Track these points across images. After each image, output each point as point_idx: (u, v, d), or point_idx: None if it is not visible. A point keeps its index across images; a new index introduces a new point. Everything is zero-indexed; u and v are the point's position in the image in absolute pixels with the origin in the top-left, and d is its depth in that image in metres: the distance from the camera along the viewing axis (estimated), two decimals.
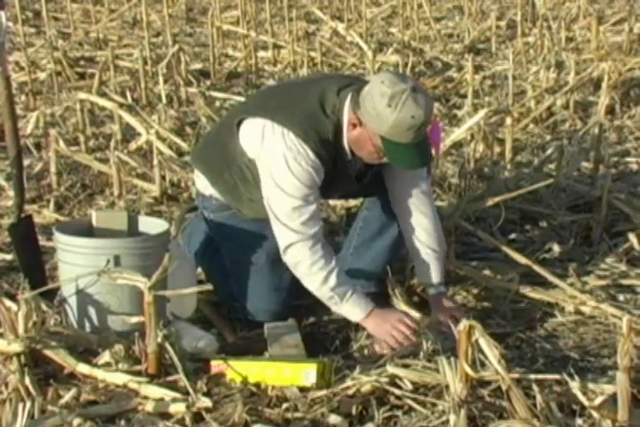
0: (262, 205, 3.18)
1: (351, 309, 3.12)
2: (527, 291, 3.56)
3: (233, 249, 3.35)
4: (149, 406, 2.68)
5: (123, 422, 2.63)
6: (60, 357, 2.85)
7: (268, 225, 3.25)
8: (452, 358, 2.65)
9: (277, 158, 3.07)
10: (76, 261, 3.11)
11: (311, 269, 3.09)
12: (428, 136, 3.07)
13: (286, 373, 2.82)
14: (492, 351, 2.55)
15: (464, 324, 2.54)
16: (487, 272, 3.67)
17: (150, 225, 3.35)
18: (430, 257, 3.32)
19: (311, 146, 3.05)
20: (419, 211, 3.30)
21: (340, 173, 3.18)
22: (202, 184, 3.42)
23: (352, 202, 4.14)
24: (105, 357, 2.89)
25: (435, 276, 3.33)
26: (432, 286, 3.34)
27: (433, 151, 4.24)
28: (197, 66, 7.47)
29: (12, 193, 4.04)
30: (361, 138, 3.05)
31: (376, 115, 2.93)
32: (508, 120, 4.97)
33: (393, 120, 2.91)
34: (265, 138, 3.10)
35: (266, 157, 3.11)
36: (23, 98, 6.60)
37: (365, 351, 3.13)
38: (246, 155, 3.18)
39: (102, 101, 5.75)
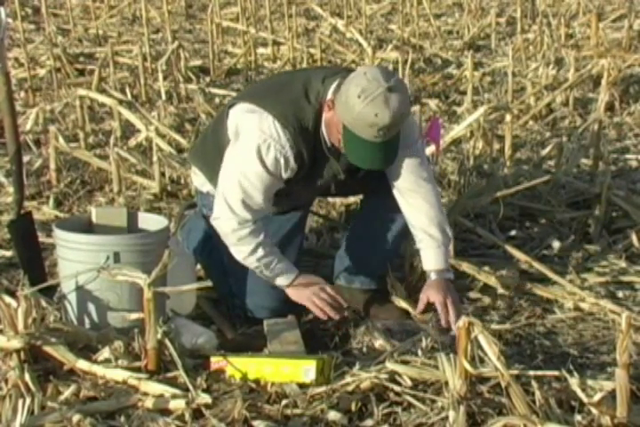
0: None
1: (275, 277, 3.17)
2: (526, 287, 3.56)
3: None
4: (149, 403, 2.68)
5: (122, 419, 2.63)
6: (59, 353, 2.86)
7: (266, 221, 3.25)
8: (452, 355, 2.66)
9: (249, 136, 3.07)
10: (76, 258, 3.11)
11: (240, 242, 3.13)
12: (396, 142, 3.01)
13: (286, 369, 2.82)
14: (491, 348, 2.56)
15: (463, 320, 2.54)
16: (486, 269, 3.67)
17: (150, 222, 3.36)
18: (431, 243, 3.27)
19: (290, 131, 3.04)
20: (419, 197, 3.25)
21: (321, 162, 3.16)
22: (199, 181, 3.42)
23: (352, 199, 4.14)
24: (104, 353, 2.89)
25: (435, 262, 3.28)
26: (433, 272, 3.29)
27: (433, 148, 4.27)
28: (197, 62, 7.47)
29: (11, 190, 4.04)
30: (331, 122, 3.04)
31: (345, 102, 2.92)
32: (508, 117, 4.96)
33: (357, 112, 2.88)
34: (244, 118, 3.12)
35: (241, 134, 3.12)
36: (23, 94, 6.60)
37: (364, 348, 3.13)
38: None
39: (102, 98, 5.75)
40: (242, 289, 3.35)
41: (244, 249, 3.14)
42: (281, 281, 3.18)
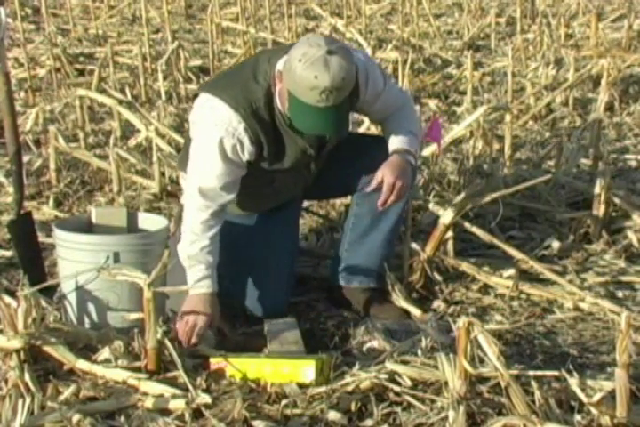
0: (244, 197, 3.24)
1: (189, 280, 3.10)
2: (526, 287, 3.57)
3: (226, 247, 3.35)
4: (149, 403, 2.69)
5: (122, 419, 2.64)
6: (59, 353, 2.86)
7: (258, 219, 3.24)
8: (451, 355, 2.66)
9: (204, 124, 3.12)
10: (76, 258, 3.12)
11: (189, 229, 3.11)
12: (343, 109, 3.00)
13: (285, 369, 2.83)
14: (490, 348, 2.56)
15: (463, 320, 2.54)
16: (486, 269, 3.68)
17: (149, 222, 3.36)
18: (400, 129, 3.29)
19: (241, 114, 3.06)
20: (398, 111, 3.34)
21: (284, 139, 3.17)
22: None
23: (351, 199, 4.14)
24: (104, 353, 2.89)
25: (398, 142, 3.26)
26: (395, 152, 3.24)
27: (434, 148, 4.27)
28: (197, 62, 7.46)
29: (11, 190, 4.05)
30: (281, 93, 3.06)
31: (289, 68, 2.94)
32: (508, 117, 4.96)
33: (297, 75, 2.90)
34: (200, 108, 3.17)
35: (197, 123, 3.17)
36: (22, 94, 6.60)
37: (364, 348, 3.13)
38: None
39: (102, 98, 5.74)
40: (240, 289, 3.35)
41: (186, 238, 3.11)
42: (188, 285, 3.10)
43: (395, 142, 3.27)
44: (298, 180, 3.36)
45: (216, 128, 3.07)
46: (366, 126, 4.86)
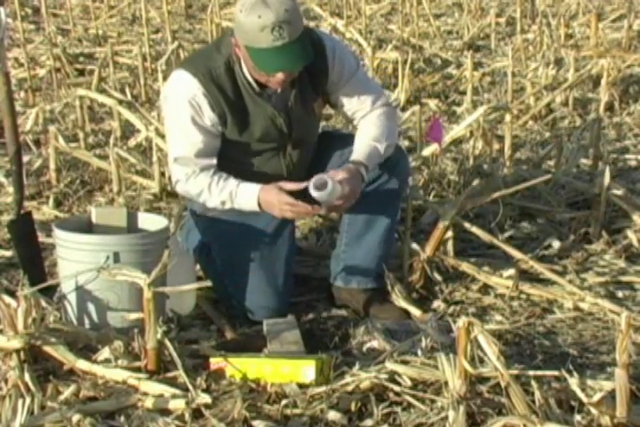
0: None
1: (244, 204, 3.18)
2: (526, 287, 3.57)
3: (222, 248, 3.35)
4: (149, 403, 2.69)
5: (122, 419, 2.64)
6: (59, 353, 2.86)
7: (253, 219, 3.24)
8: (451, 355, 2.66)
9: (166, 94, 3.24)
10: (76, 258, 3.12)
11: (197, 195, 3.22)
12: (302, 41, 3.03)
13: (285, 369, 2.83)
14: (490, 348, 2.56)
15: (463, 320, 2.54)
16: (486, 269, 3.68)
17: (149, 222, 3.36)
18: (369, 139, 3.29)
19: (200, 79, 3.14)
20: (370, 122, 3.33)
21: (249, 107, 3.21)
22: None
23: None
24: (104, 353, 2.89)
25: (357, 153, 3.27)
26: (352, 162, 3.24)
27: (435, 147, 4.27)
28: None
29: (11, 190, 4.05)
30: (245, 58, 3.11)
31: (235, 25, 3.03)
32: (508, 117, 4.96)
33: (244, 24, 2.98)
34: (167, 81, 3.29)
35: (162, 94, 3.31)
36: (22, 94, 6.60)
37: (364, 348, 3.13)
38: None
39: (102, 98, 5.74)
40: (239, 290, 3.35)
41: (206, 198, 3.21)
42: (250, 206, 3.18)
43: (356, 153, 3.28)
44: (279, 166, 3.34)
45: (177, 95, 3.17)
46: None
